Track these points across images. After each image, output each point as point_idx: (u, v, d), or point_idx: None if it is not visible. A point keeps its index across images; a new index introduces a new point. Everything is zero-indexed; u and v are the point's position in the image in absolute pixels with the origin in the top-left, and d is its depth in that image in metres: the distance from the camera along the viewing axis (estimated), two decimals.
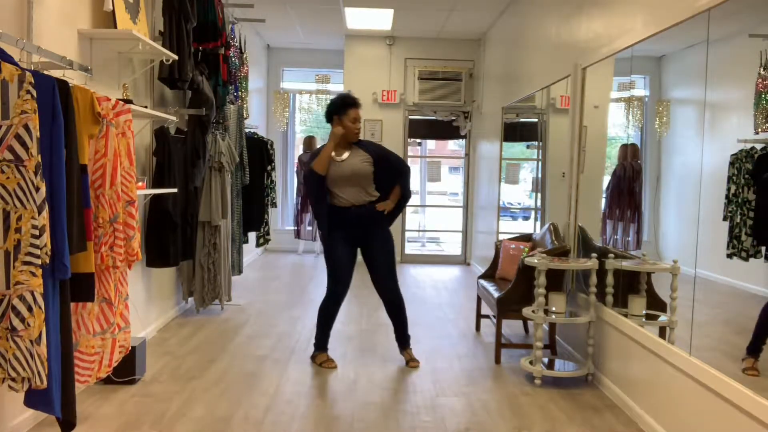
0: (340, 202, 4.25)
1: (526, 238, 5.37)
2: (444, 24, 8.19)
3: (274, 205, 7.40)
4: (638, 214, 3.81)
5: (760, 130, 2.62)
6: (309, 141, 9.51)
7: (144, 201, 4.64)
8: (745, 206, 2.70)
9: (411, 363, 4.37)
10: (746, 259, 2.70)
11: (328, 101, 4.37)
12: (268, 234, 7.51)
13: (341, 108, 4.22)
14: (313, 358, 4.37)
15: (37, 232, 2.57)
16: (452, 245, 10.08)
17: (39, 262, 2.58)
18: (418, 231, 11.30)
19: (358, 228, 4.27)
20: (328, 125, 4.34)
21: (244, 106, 6.66)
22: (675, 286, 3.26)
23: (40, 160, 2.59)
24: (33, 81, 2.58)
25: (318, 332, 4.37)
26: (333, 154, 4.24)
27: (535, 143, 6.52)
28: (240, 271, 6.32)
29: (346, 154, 4.25)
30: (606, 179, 4.28)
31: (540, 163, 6.10)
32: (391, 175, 4.31)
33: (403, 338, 4.44)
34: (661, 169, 3.54)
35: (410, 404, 3.67)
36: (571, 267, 4.08)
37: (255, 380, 3.99)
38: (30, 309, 2.57)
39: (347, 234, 4.27)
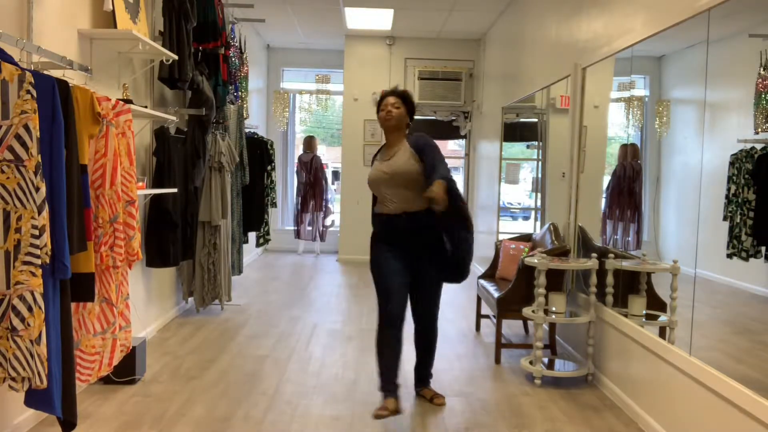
0: (383, 209, 3.58)
1: (526, 238, 5.36)
2: (444, 24, 8.19)
3: (274, 205, 7.41)
4: (638, 214, 3.81)
5: (760, 130, 2.62)
6: (309, 141, 9.52)
7: (144, 201, 4.64)
8: (745, 206, 2.70)
9: (437, 399, 3.70)
10: (746, 259, 2.70)
11: None
12: (268, 234, 7.51)
13: (377, 110, 3.68)
14: (382, 400, 3.45)
15: (37, 232, 2.57)
16: None
17: (39, 262, 2.58)
18: None
19: (408, 241, 3.54)
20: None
21: (244, 106, 6.66)
22: (675, 286, 3.26)
23: (40, 160, 2.59)
24: (33, 81, 2.58)
25: (379, 372, 3.50)
26: (385, 149, 3.65)
27: (535, 143, 6.52)
28: (240, 271, 6.32)
29: (392, 152, 3.59)
30: (606, 179, 4.28)
31: (540, 163, 6.10)
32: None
33: (425, 374, 3.82)
34: (661, 169, 3.54)
35: (410, 404, 3.67)
36: (571, 267, 4.08)
37: (255, 380, 3.99)
38: (30, 309, 2.57)
39: (394, 248, 3.54)
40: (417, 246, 3.54)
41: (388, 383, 3.43)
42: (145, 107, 4.15)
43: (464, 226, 3.52)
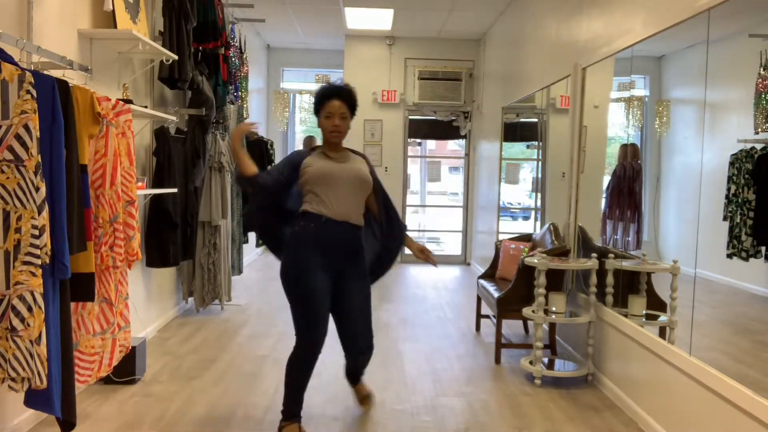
0: (325, 211, 3.10)
1: (526, 238, 5.36)
2: (444, 24, 8.19)
3: None
4: (638, 214, 3.80)
5: (760, 130, 2.62)
6: (309, 141, 9.49)
7: (144, 201, 4.64)
8: (745, 206, 2.70)
9: (365, 403, 3.55)
10: (746, 259, 2.70)
11: None
12: None
13: (317, 101, 3.20)
14: (280, 430, 3.17)
15: (37, 232, 2.57)
16: (452, 245, 10.08)
17: (39, 262, 2.58)
18: (418, 231, 11.30)
19: (340, 253, 3.15)
20: None
21: (244, 106, 6.66)
22: (675, 286, 3.26)
23: (40, 160, 2.59)
24: (33, 81, 2.58)
25: (286, 396, 3.17)
26: (328, 153, 3.20)
27: (535, 143, 6.52)
28: (240, 271, 6.32)
29: (342, 157, 3.22)
30: (606, 179, 4.28)
31: (540, 163, 6.10)
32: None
33: (359, 376, 3.57)
34: (661, 169, 3.54)
35: (410, 404, 3.67)
36: (571, 267, 4.08)
37: (255, 380, 3.99)
38: (30, 309, 2.57)
39: (323, 257, 3.09)
40: (349, 259, 3.18)
41: (297, 408, 3.18)
42: (145, 107, 4.15)
43: (399, 245, 3.40)
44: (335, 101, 3.14)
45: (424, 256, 3.36)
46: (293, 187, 3.23)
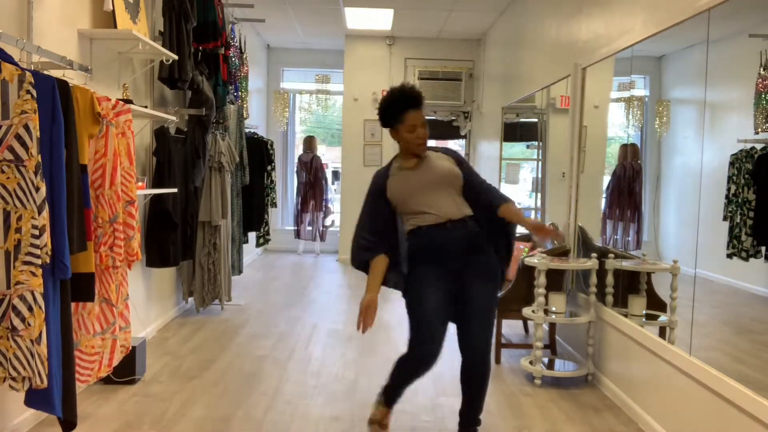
0: (427, 220, 2.95)
1: (526, 238, 5.36)
2: (444, 24, 8.19)
3: (274, 205, 7.41)
4: (638, 214, 3.81)
5: (760, 130, 2.62)
6: (309, 141, 9.52)
7: (144, 201, 4.64)
8: (745, 206, 2.70)
9: None
10: (746, 259, 2.70)
11: (382, 100, 2.99)
12: (268, 234, 7.51)
13: (394, 111, 2.92)
14: (376, 404, 3.22)
15: (37, 232, 2.57)
16: None
17: (39, 262, 2.58)
18: None
19: (457, 255, 2.96)
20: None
21: (244, 106, 6.66)
22: (675, 286, 3.26)
23: (40, 160, 2.59)
24: (33, 81, 2.58)
25: (390, 383, 3.16)
26: (405, 164, 3.01)
27: (535, 143, 6.52)
28: (240, 271, 6.32)
29: (419, 162, 3.00)
30: (606, 179, 4.28)
31: (540, 163, 6.10)
32: (479, 201, 3.02)
33: (472, 419, 3.13)
34: (661, 169, 3.54)
35: (410, 404, 3.66)
36: (571, 267, 4.08)
37: (255, 380, 3.99)
38: (30, 309, 2.57)
39: (438, 265, 2.96)
40: (462, 259, 2.97)
41: (395, 399, 3.18)
42: (145, 107, 4.15)
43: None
44: (415, 111, 2.90)
45: (543, 234, 2.85)
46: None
